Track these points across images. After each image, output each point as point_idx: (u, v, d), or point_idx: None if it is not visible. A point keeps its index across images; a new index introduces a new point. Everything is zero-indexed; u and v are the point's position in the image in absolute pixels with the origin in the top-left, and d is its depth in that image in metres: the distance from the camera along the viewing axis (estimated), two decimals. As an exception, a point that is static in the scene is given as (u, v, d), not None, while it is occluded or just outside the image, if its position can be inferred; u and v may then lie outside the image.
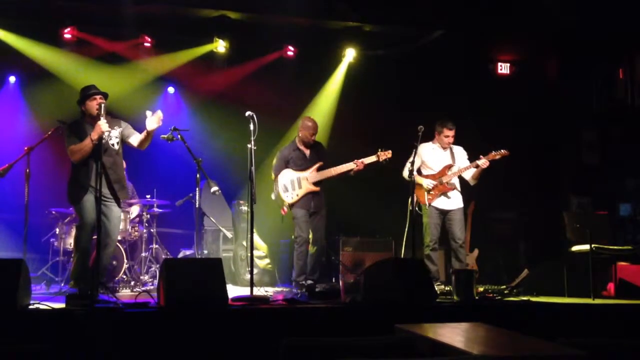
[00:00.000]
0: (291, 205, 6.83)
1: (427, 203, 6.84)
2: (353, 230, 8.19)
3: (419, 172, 6.99)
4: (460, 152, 7.00)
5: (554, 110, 9.00)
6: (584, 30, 8.27)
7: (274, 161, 6.97)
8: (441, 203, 6.86)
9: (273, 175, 6.96)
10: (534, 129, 9.06)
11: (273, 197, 6.99)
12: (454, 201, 6.87)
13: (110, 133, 5.73)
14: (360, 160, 6.82)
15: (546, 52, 9.10)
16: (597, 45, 8.45)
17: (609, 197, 8.23)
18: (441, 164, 6.93)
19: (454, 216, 6.85)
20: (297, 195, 6.79)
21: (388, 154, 6.85)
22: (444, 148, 6.96)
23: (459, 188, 6.93)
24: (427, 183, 6.86)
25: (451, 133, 6.87)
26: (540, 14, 8.02)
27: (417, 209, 6.82)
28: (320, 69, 9.38)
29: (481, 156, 6.75)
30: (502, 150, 6.68)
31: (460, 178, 6.95)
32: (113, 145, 5.78)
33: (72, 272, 5.79)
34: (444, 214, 6.87)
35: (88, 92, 5.76)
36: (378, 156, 6.83)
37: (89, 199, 5.62)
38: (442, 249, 7.44)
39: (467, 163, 6.86)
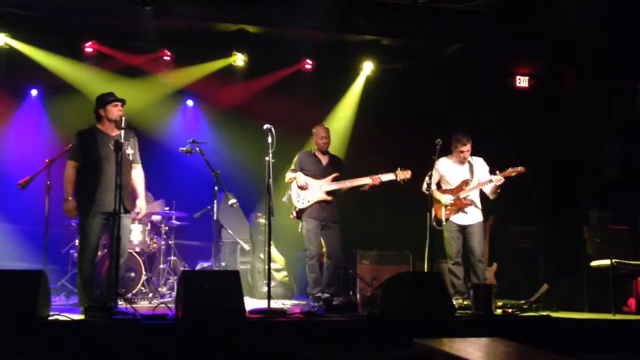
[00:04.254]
0: (301, 212, 6.81)
1: (444, 218, 6.85)
2: (370, 244, 8.15)
3: (438, 186, 7.00)
4: (480, 165, 6.94)
5: (573, 124, 8.93)
6: (603, 43, 8.22)
7: (292, 165, 6.97)
8: (459, 218, 6.86)
9: (286, 178, 6.91)
10: (553, 143, 9.00)
11: (284, 199, 6.98)
12: (471, 216, 6.85)
13: (125, 142, 5.54)
14: (376, 176, 6.79)
15: (565, 65, 9.05)
16: (616, 58, 8.39)
17: (629, 212, 8.13)
18: (459, 179, 6.91)
19: (472, 230, 6.82)
20: (309, 201, 6.78)
21: (407, 173, 6.77)
22: (462, 162, 6.94)
23: (477, 203, 6.88)
24: (445, 199, 6.87)
25: (465, 148, 6.84)
26: (558, 27, 7.99)
27: (435, 224, 6.80)
28: (338, 82, 9.41)
29: (497, 172, 6.73)
30: (518, 168, 6.64)
31: (481, 192, 6.92)
32: (129, 155, 5.72)
33: (80, 299, 5.61)
34: (463, 228, 6.86)
35: (110, 97, 5.73)
36: (396, 175, 6.78)
37: (97, 218, 5.56)
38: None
39: (487, 176, 6.81)
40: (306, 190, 6.78)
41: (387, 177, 6.81)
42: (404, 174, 6.77)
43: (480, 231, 6.84)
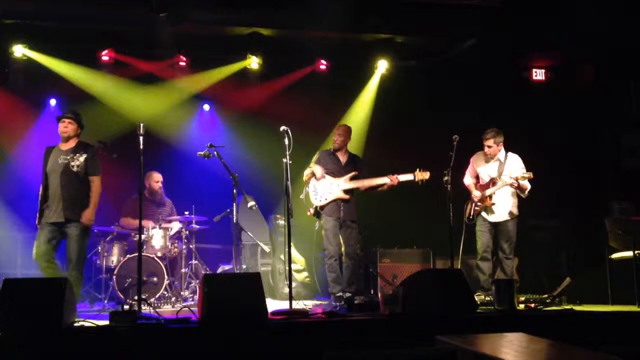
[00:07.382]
0: (320, 209, 6.82)
1: (473, 214, 6.87)
2: (390, 242, 8.15)
3: (478, 181, 7.03)
4: (513, 163, 6.85)
5: (592, 116, 8.85)
6: (620, 33, 8.13)
7: (311, 163, 6.98)
8: (488, 215, 6.84)
9: (304, 175, 6.93)
10: (572, 136, 8.92)
11: (302, 197, 6.99)
12: (498, 214, 6.81)
13: (74, 156, 6.07)
14: (395, 176, 6.79)
15: (582, 56, 8.96)
16: (634, 48, 8.30)
17: (651, 203, 8.04)
18: (487, 176, 6.91)
19: (500, 227, 6.81)
20: (326, 199, 6.78)
21: (425, 175, 6.75)
22: (492, 158, 6.91)
23: (507, 201, 6.79)
24: (475, 194, 6.90)
25: (488, 143, 6.81)
26: (574, 18, 7.92)
27: (466, 219, 6.88)
28: (353, 82, 9.41)
29: (510, 176, 6.70)
30: (526, 174, 6.62)
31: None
32: (73, 167, 6.06)
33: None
34: (493, 225, 6.84)
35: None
36: (415, 175, 6.77)
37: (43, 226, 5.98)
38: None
39: (520, 173, 6.72)
40: (324, 188, 6.79)
41: (405, 177, 6.79)
42: (422, 175, 6.75)
43: (509, 229, 6.78)
